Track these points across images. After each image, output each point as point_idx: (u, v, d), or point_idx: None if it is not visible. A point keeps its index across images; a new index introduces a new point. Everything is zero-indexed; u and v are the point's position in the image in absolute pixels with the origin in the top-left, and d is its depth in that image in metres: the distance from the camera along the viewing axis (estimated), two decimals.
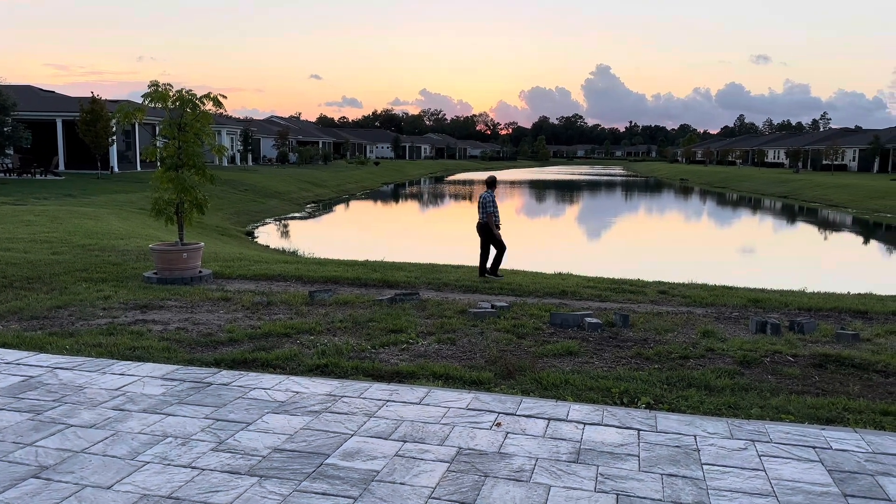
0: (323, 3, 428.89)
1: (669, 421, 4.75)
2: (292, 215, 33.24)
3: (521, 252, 21.73)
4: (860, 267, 21.52)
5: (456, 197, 51.88)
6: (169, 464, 3.96)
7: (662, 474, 3.91)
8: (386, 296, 8.90)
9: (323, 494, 3.60)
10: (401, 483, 3.74)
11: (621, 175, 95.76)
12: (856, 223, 34.13)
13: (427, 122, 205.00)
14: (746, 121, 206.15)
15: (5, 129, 29.83)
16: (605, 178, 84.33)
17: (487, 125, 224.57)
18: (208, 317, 7.77)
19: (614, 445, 4.31)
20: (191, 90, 10.16)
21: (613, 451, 4.22)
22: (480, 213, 11.27)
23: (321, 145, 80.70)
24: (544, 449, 4.23)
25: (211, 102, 10.26)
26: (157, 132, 11.45)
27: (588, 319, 7.59)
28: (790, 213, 40.07)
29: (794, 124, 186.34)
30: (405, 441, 4.31)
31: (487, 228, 11.15)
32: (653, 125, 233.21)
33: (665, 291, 10.15)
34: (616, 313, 7.95)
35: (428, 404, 4.98)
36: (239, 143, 58.00)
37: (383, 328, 7.23)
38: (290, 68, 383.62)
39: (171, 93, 10.05)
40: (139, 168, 39.71)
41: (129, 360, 6.00)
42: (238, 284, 9.94)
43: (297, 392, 5.20)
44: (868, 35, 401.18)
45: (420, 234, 28.47)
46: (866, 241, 29.05)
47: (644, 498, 3.62)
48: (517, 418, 4.74)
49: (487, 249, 11.23)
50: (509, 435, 4.44)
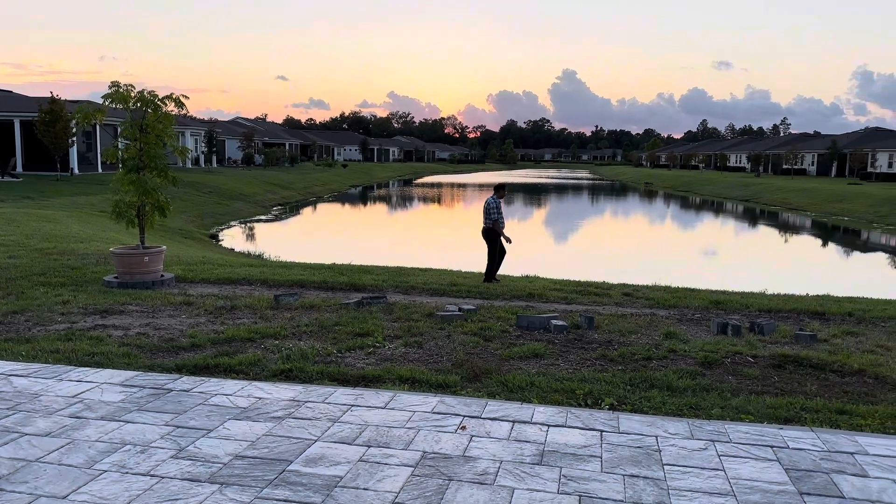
0: (289, 4, 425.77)
1: (632, 422, 4.81)
2: (258, 218, 32.89)
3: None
4: (818, 269, 22.06)
5: (425, 200, 51.87)
6: (127, 472, 3.87)
7: (624, 475, 3.95)
8: (353, 299, 8.86)
9: (285, 501, 3.56)
10: (364, 488, 3.72)
11: (588, 179, 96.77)
12: (814, 226, 34.99)
13: (395, 125, 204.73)
14: (709, 126, 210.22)
15: None
16: (573, 182, 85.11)
17: (456, 128, 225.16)
18: (170, 321, 7.64)
19: (577, 447, 4.34)
20: (153, 91, 10.00)
21: (576, 453, 4.25)
22: (485, 219, 11.28)
23: (288, 147, 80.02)
24: (508, 451, 4.25)
25: (173, 103, 10.11)
26: (119, 133, 11.23)
27: (554, 322, 7.64)
28: (751, 217, 40.89)
29: (756, 129, 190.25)
30: (369, 446, 4.28)
31: (493, 233, 11.18)
32: (618, 130, 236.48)
33: (630, 294, 10.27)
34: (581, 315, 8.03)
35: (393, 408, 4.96)
36: (203, 145, 57.19)
37: (350, 332, 7.19)
38: (256, 69, 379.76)
39: (133, 93, 9.87)
40: (100, 170, 38.92)
41: (88, 367, 5.87)
42: (201, 288, 9.80)
43: (260, 398, 5.13)
44: (826, 43, 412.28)
45: (388, 238, 28.40)
46: (824, 244, 29.79)
47: (606, 499, 3.66)
48: (482, 421, 4.75)
49: (494, 254, 11.24)
50: (474, 438, 4.45)
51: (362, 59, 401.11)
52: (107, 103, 9.82)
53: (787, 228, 34.97)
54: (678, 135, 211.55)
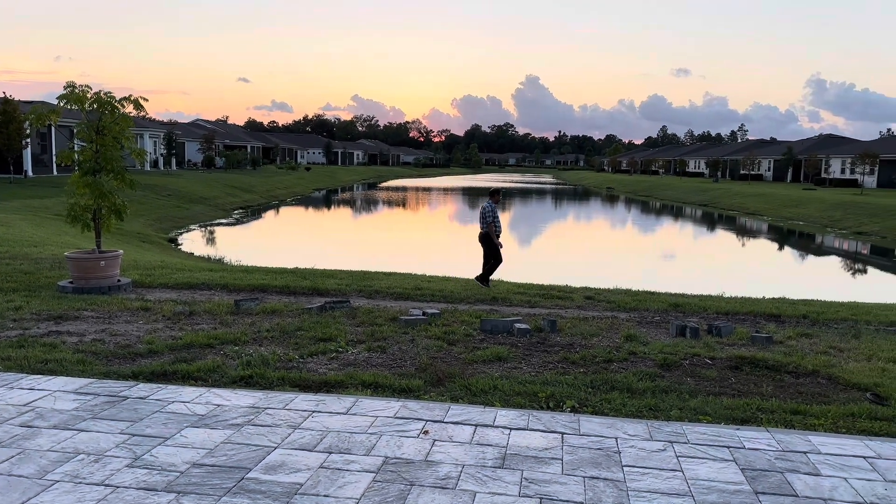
0: (251, 4, 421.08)
1: (592, 424, 4.85)
2: (219, 222, 32.42)
3: (454, 259, 21.84)
4: (774, 272, 22.59)
5: (390, 204, 51.73)
6: (80, 482, 3.77)
7: (585, 477, 3.99)
8: (316, 304, 8.78)
9: None
10: (325, 495, 3.68)
11: (551, 183, 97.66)
12: (771, 230, 35.83)
13: (360, 128, 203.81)
14: (669, 132, 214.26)
15: None
16: (537, 187, 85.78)
17: (420, 132, 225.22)
18: (127, 328, 7.47)
19: (539, 450, 4.37)
20: (110, 92, 9.81)
21: (538, 456, 4.27)
22: (482, 224, 11.33)
23: (250, 150, 79.07)
24: (471, 455, 4.25)
25: (131, 105, 9.92)
26: (74, 135, 10.97)
27: (517, 325, 7.68)
28: (710, 221, 41.72)
29: (714, 135, 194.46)
30: (330, 452, 4.25)
31: (488, 238, 11.20)
32: (581, 135, 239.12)
33: (592, 297, 10.39)
34: (544, 319, 8.09)
35: (355, 414, 4.92)
36: (162, 147, 56.13)
37: (312, 337, 7.12)
38: (217, 71, 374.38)
39: (89, 94, 9.67)
40: (55, 172, 37.94)
41: (41, 374, 5.70)
42: (159, 293, 9.61)
43: (219, 405, 5.05)
44: (781, 51, 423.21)
45: (352, 242, 28.24)
46: (780, 248, 30.53)
47: (566, 501, 3.68)
48: (445, 425, 4.75)
49: (490, 259, 11.27)
50: (436, 442, 4.44)
51: (326, 62, 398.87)
52: (62, 104, 9.60)
53: (745, 232, 35.76)
54: (639, 140, 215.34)
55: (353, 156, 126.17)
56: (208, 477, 3.87)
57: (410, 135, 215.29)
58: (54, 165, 37.97)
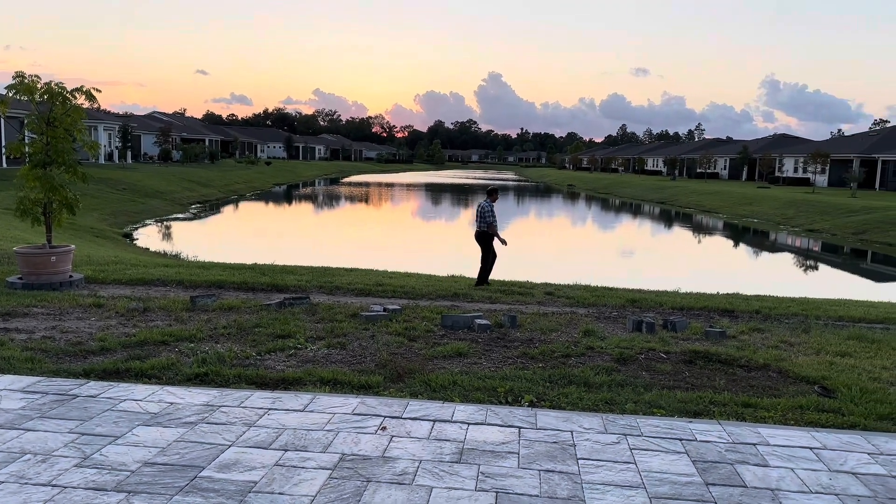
0: None
1: (549, 418, 4.90)
2: (175, 216, 31.82)
3: (416, 255, 21.82)
4: (729, 268, 23.11)
5: (352, 199, 51.41)
6: (26, 483, 3.67)
7: (540, 470, 4.03)
8: (274, 300, 8.68)
9: None
10: (280, 493, 3.64)
11: (514, 180, 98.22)
12: (726, 227, 36.64)
13: (321, 123, 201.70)
14: (628, 130, 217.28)
15: None
16: (499, 183, 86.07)
17: (383, 127, 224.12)
18: (78, 324, 7.28)
19: (496, 444, 4.39)
20: (61, 83, 9.55)
21: (495, 450, 4.30)
22: (479, 222, 11.31)
23: (208, 143, 77.72)
24: (428, 451, 4.26)
25: (83, 96, 9.67)
26: (24, 127, 10.64)
27: (478, 321, 7.72)
28: (667, 218, 42.47)
29: (672, 134, 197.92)
30: (286, 450, 4.21)
31: (487, 236, 11.17)
32: (542, 133, 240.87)
33: (551, 293, 10.49)
34: (505, 314, 8.14)
35: (312, 411, 4.88)
36: (117, 140, 54.85)
37: (270, 334, 7.04)
38: (174, 62, 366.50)
39: (39, 85, 9.41)
40: (4, 165, 36.75)
41: None
42: (113, 290, 9.39)
43: (172, 403, 4.96)
44: (736, 52, 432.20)
45: (313, 238, 27.99)
46: (735, 245, 31.24)
47: (522, 494, 3.72)
48: (403, 421, 4.74)
49: (487, 257, 11.25)
50: (394, 438, 4.43)
51: (286, 55, 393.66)
52: (11, 94, 9.32)
53: (701, 230, 36.49)
54: (599, 138, 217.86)
55: (315, 150, 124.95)
56: (160, 476, 3.80)
57: (373, 130, 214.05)
58: (3, 158, 36.80)
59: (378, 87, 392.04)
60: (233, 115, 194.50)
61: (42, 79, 9.47)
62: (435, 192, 62.60)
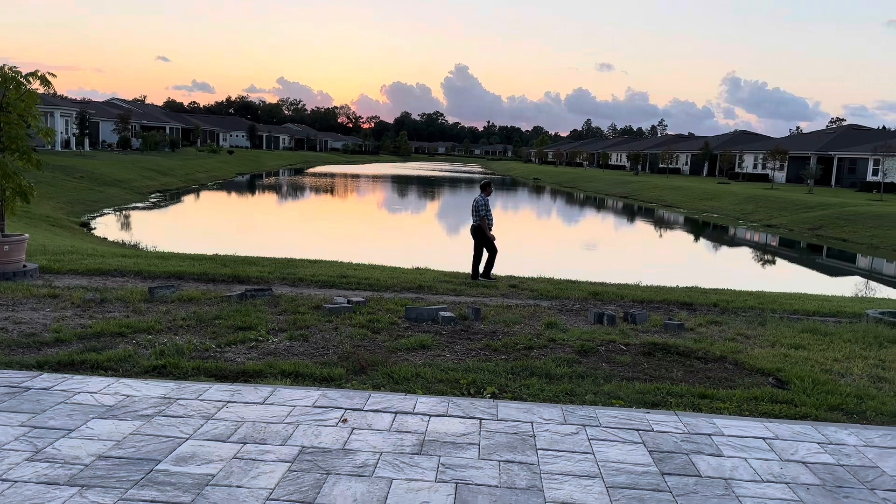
0: None
1: (510, 409, 4.94)
2: (134, 206, 31.18)
3: (380, 247, 21.74)
4: (689, 262, 23.54)
5: (317, 190, 50.95)
6: None
7: (500, 461, 4.06)
8: (236, 292, 8.57)
9: (151, 502, 3.40)
10: (238, 486, 3.61)
11: (480, 173, 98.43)
12: (687, 222, 37.28)
13: (286, 112, 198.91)
14: (593, 125, 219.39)
15: None
16: (466, 176, 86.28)
17: (349, 118, 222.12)
18: (32, 315, 7.10)
19: (457, 435, 4.41)
20: (14, 67, 9.29)
21: (456, 441, 4.32)
22: (474, 217, 11.32)
23: (168, 131, 76.24)
24: (389, 443, 4.26)
25: (38, 81, 9.42)
26: None
27: (442, 313, 7.73)
28: (630, 213, 43.04)
29: (635, 129, 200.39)
30: (245, 443, 4.16)
31: (481, 231, 11.15)
32: (509, 126, 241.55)
33: (515, 285, 10.56)
34: (469, 307, 8.17)
35: (272, 403, 4.84)
36: (75, 127, 53.43)
37: (231, 326, 6.95)
38: (134, 48, 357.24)
39: None
40: None
41: None
42: (68, 280, 9.17)
43: (129, 395, 4.87)
44: (698, 49, 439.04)
45: (277, 229, 27.69)
46: (695, 239, 31.82)
47: (482, 485, 3.74)
48: (364, 413, 4.73)
49: (480, 252, 11.29)
50: (355, 431, 4.42)
51: (250, 42, 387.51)
52: None
53: (662, 224, 37.07)
54: (564, 133, 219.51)
55: (279, 140, 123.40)
56: (115, 469, 3.73)
57: (339, 120, 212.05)
58: None
59: (344, 77, 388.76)
60: (194, 103, 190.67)
61: None
62: (401, 185, 62.42)
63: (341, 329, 7.07)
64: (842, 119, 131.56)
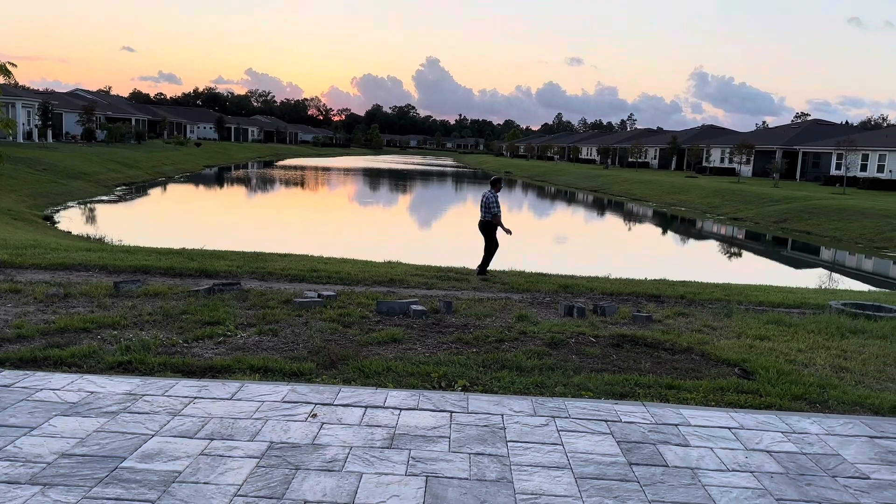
0: None
1: (480, 402, 4.96)
2: (99, 199, 30.58)
3: (352, 240, 21.63)
4: (657, 255, 23.84)
5: (287, 183, 50.48)
6: None
7: (470, 453, 4.07)
8: (203, 286, 8.45)
9: (116, 500, 3.34)
10: (205, 482, 3.56)
11: (452, 166, 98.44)
12: (655, 215, 37.74)
13: (255, 104, 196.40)
14: (564, 119, 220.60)
15: None
16: (438, 169, 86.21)
17: (320, 110, 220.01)
18: None
19: (427, 429, 4.41)
20: None
21: (426, 435, 4.32)
22: (483, 212, 11.30)
23: (134, 123, 74.83)
24: (359, 437, 4.24)
25: None
26: None
27: (413, 307, 7.71)
28: (600, 206, 43.43)
29: (605, 124, 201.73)
30: (212, 439, 4.11)
31: (490, 226, 11.15)
32: (480, 119, 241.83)
33: (487, 279, 10.59)
34: (441, 300, 8.16)
35: (240, 399, 4.79)
36: (37, 118, 52.15)
37: (198, 321, 6.86)
38: (99, 38, 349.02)
39: None
40: None
41: None
42: (31, 275, 8.96)
43: (93, 392, 4.77)
44: (666, 44, 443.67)
45: (245, 222, 27.38)
46: (664, 232, 32.23)
47: (452, 478, 3.75)
48: (334, 408, 4.71)
49: (491, 247, 11.25)
50: (325, 425, 4.40)
51: (217, 33, 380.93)
52: None
53: (631, 217, 37.48)
54: (536, 126, 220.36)
55: (248, 132, 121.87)
56: (78, 467, 3.65)
57: (309, 112, 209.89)
58: None
59: (314, 69, 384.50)
60: (161, 95, 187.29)
61: None
62: (373, 178, 62.14)
63: (311, 323, 7.02)
64: (806, 114, 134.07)
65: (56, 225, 22.10)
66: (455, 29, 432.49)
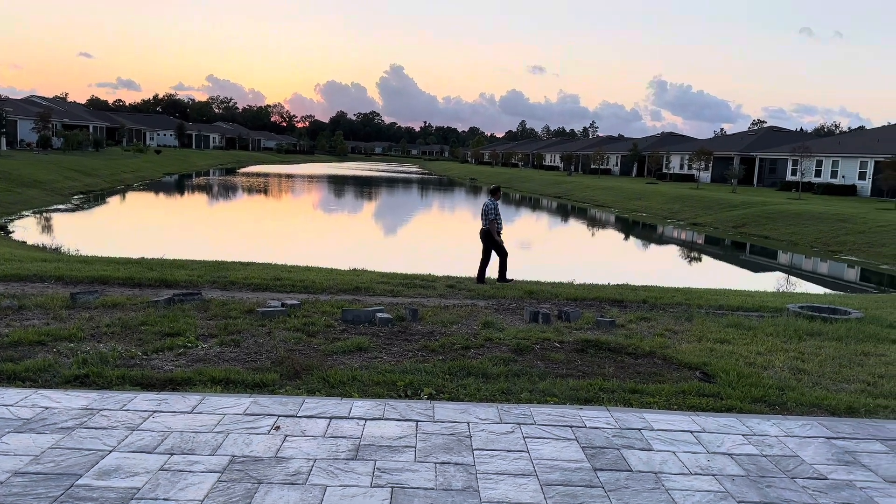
0: None
1: (447, 410, 4.94)
2: (55, 208, 29.81)
3: (316, 248, 21.45)
4: (619, 260, 24.14)
5: (250, 191, 49.87)
6: None
7: (436, 463, 4.05)
8: (163, 296, 8.29)
9: None
10: (164, 499, 3.48)
11: (417, 173, 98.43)
12: (618, 221, 38.23)
13: (216, 110, 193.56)
14: (527, 126, 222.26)
15: None
16: (403, 176, 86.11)
17: (283, 117, 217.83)
18: None
19: (393, 439, 4.38)
20: None
21: (392, 445, 4.29)
22: (483, 220, 11.41)
23: (92, 130, 73.21)
24: (323, 449, 4.19)
25: None
26: None
27: (379, 315, 7.67)
28: (564, 212, 43.84)
29: (568, 131, 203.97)
30: (172, 453, 4.02)
31: (490, 235, 11.19)
32: (445, 126, 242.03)
33: (453, 285, 10.60)
34: (406, 308, 8.14)
35: (201, 412, 4.70)
36: None
37: (158, 332, 6.72)
38: (55, 43, 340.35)
39: None
40: None
41: None
42: None
43: (48, 407, 4.63)
44: (626, 52, 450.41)
45: (207, 231, 26.96)
46: (626, 238, 32.66)
47: (417, 488, 3.72)
48: (298, 420, 4.64)
49: (488, 256, 11.39)
50: (288, 438, 4.33)
51: (177, 38, 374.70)
52: None
53: (594, 223, 37.91)
54: (500, 133, 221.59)
55: (210, 139, 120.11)
56: (32, 486, 3.54)
57: (272, 119, 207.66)
58: None
59: (276, 75, 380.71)
60: (120, 101, 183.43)
61: None
62: (337, 185, 61.78)
63: (275, 333, 6.94)
64: (762, 121, 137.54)
65: (10, 235, 21.47)
66: (418, 37, 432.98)
